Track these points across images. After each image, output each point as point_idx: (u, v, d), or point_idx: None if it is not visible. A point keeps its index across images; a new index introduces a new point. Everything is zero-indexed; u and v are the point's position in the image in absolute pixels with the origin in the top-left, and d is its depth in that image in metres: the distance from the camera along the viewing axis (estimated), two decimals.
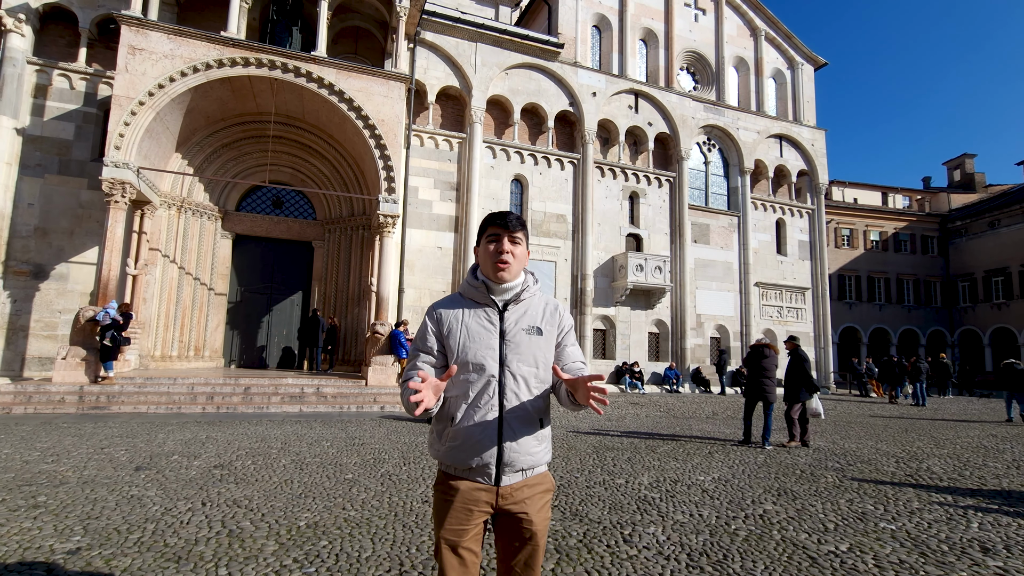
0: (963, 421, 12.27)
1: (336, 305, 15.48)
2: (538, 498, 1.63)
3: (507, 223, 1.65)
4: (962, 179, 39.90)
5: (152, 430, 7.64)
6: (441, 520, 1.60)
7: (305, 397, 11.02)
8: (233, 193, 15.14)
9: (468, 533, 1.58)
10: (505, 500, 1.59)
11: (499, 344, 1.62)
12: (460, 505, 1.58)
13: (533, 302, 1.72)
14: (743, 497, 4.87)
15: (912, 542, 3.74)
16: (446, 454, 1.62)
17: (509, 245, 1.64)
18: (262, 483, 4.90)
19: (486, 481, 1.58)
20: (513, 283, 1.68)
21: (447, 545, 1.57)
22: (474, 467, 1.57)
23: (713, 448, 7.57)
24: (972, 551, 3.58)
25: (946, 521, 4.26)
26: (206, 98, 12.78)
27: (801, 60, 23.67)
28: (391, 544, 3.44)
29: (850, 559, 3.39)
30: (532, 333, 1.65)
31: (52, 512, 3.87)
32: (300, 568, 3.03)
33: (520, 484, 1.61)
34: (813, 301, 22.80)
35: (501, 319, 1.65)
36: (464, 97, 17.33)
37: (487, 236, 1.67)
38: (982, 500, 4.98)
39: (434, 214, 16.70)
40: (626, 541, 3.63)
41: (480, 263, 1.71)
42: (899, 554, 3.49)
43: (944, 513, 4.49)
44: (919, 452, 7.66)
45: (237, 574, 2.93)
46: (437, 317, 1.67)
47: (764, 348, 8.29)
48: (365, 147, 13.53)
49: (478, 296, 1.68)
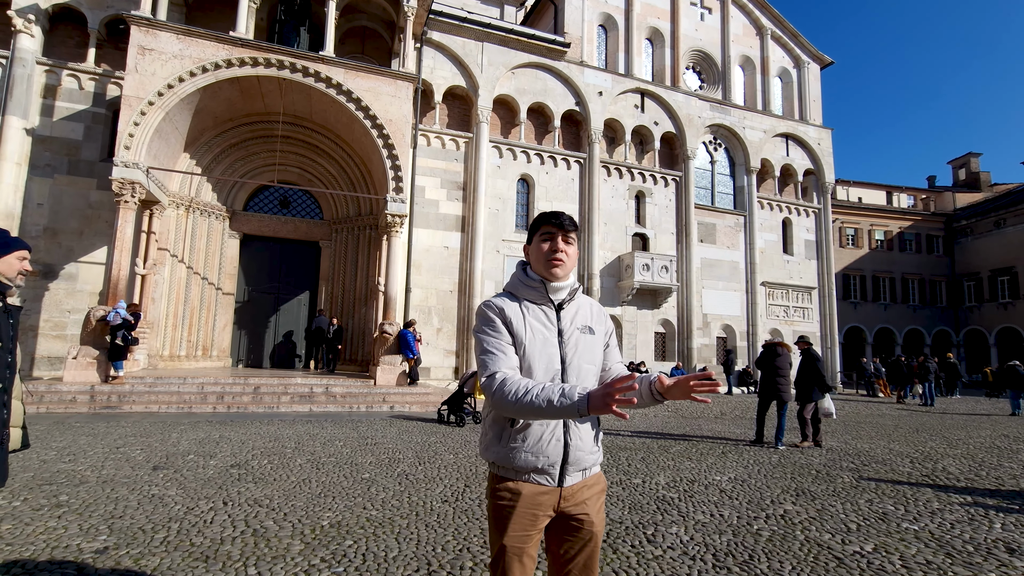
0: (973, 419, 12.23)
1: (343, 305, 15.50)
2: (596, 498, 1.62)
3: (562, 223, 1.64)
4: (967, 178, 39.74)
5: (165, 429, 7.65)
6: (503, 527, 1.54)
7: (315, 397, 11.03)
8: (241, 193, 15.16)
9: (532, 539, 1.54)
10: (566, 502, 1.57)
11: (558, 343, 1.61)
12: (524, 510, 1.53)
13: (581, 302, 1.72)
14: (762, 497, 4.85)
15: (937, 543, 3.72)
16: (508, 456, 1.55)
17: (563, 244, 1.64)
18: (281, 482, 4.90)
19: (550, 483, 1.54)
20: (567, 282, 1.67)
21: (513, 554, 1.52)
22: (540, 468, 1.53)
23: (726, 448, 7.56)
24: (998, 552, 3.57)
25: (968, 522, 4.24)
26: (215, 98, 12.80)
27: (807, 59, 23.61)
28: (416, 544, 3.44)
29: (876, 560, 3.37)
30: (586, 332, 1.65)
31: (75, 511, 3.88)
32: (328, 568, 3.03)
33: (580, 485, 1.59)
34: (819, 301, 22.74)
35: (559, 318, 1.65)
36: (470, 97, 17.32)
37: (540, 234, 1.67)
38: (1002, 501, 4.96)
39: (441, 214, 16.70)
40: (650, 541, 3.62)
41: (532, 261, 1.70)
42: (925, 555, 3.48)
43: (965, 514, 4.47)
44: (933, 452, 7.63)
45: (267, 573, 2.93)
46: (499, 309, 1.60)
47: (777, 347, 8.27)
48: (373, 147, 13.54)
49: (536, 296, 1.65)
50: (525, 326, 1.59)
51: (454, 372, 16.24)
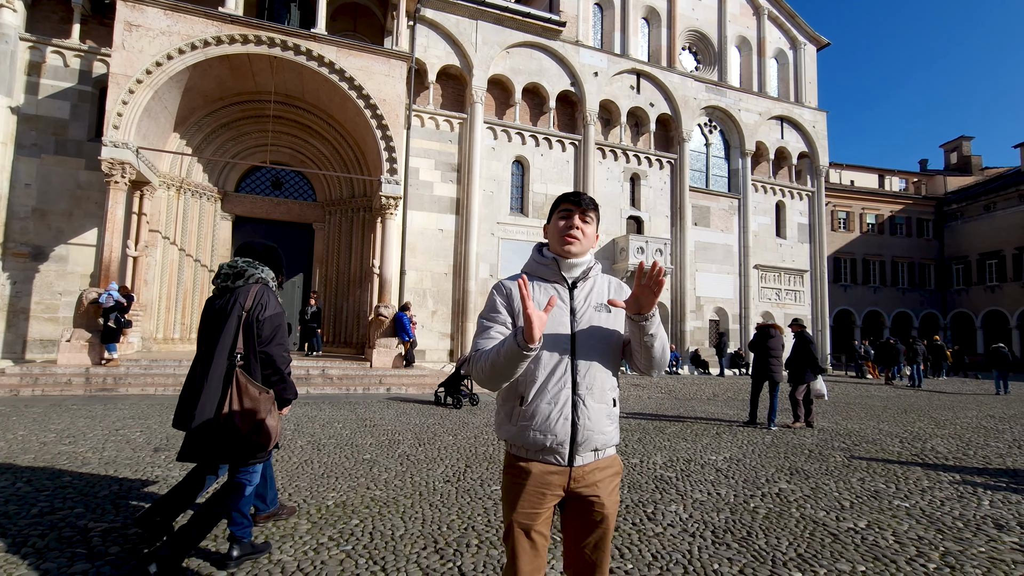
0: (959, 400, 12.49)
1: (338, 287, 15.44)
2: (608, 480, 1.63)
3: (580, 201, 1.66)
4: (959, 162, 39.92)
5: (163, 412, 7.65)
6: (513, 503, 1.58)
7: (311, 379, 11.05)
8: (232, 174, 14.96)
9: (541, 516, 1.57)
10: (577, 482, 1.58)
11: (570, 321, 1.62)
12: (533, 488, 1.56)
13: (599, 280, 1.73)
14: (757, 476, 4.96)
15: (927, 519, 3.83)
16: (518, 434, 1.58)
17: (579, 222, 1.65)
18: (283, 463, 4.94)
19: (559, 461, 1.56)
20: (581, 260, 1.68)
21: (520, 529, 1.56)
22: (548, 446, 1.55)
23: (720, 429, 7.68)
24: (987, 528, 3.68)
25: (957, 499, 4.37)
26: (204, 76, 12.54)
27: (804, 40, 23.45)
28: (421, 523, 3.49)
29: (870, 536, 3.47)
30: (601, 310, 1.66)
31: (80, 492, 3.89)
32: (337, 546, 3.08)
33: (592, 466, 1.60)
34: (811, 284, 22.96)
35: (571, 296, 1.65)
36: (465, 76, 17.09)
37: (559, 212, 1.69)
38: (989, 479, 5.10)
39: (435, 196, 16.58)
40: (650, 519, 3.70)
41: (549, 239, 1.73)
42: (916, 531, 3.59)
43: (954, 491, 4.60)
44: (921, 432, 7.81)
45: (276, 551, 2.97)
46: (507, 292, 1.64)
47: (770, 329, 8.37)
48: (366, 127, 13.37)
49: (548, 273, 1.67)
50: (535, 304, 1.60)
51: (449, 354, 16.30)
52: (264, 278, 2.90)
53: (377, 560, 2.90)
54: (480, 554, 3.01)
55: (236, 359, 2.71)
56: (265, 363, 2.78)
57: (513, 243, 17.47)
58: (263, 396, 2.73)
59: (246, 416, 2.66)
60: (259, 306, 2.77)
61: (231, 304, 2.78)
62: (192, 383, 2.76)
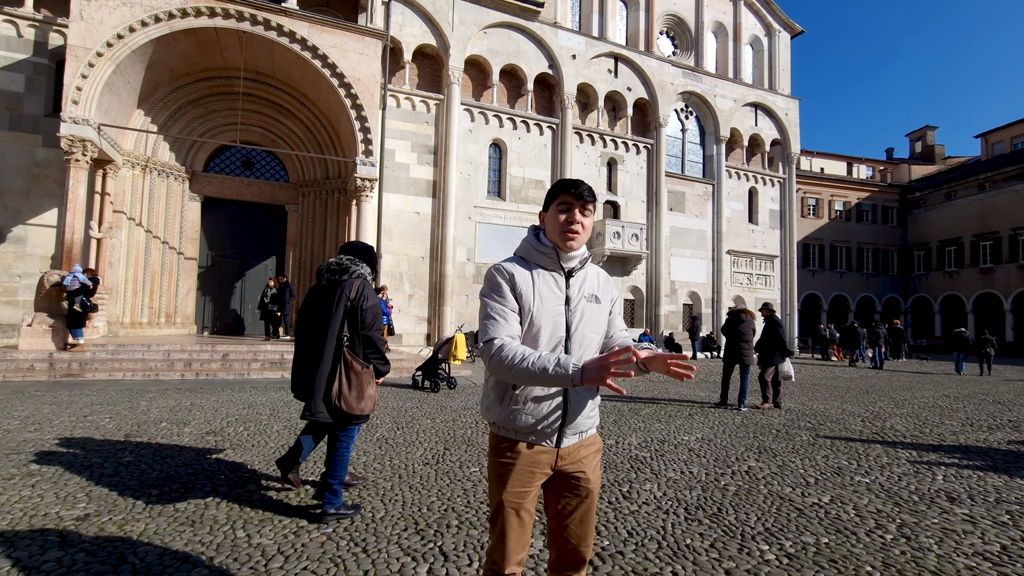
0: (917, 380, 13.07)
1: (312, 271, 15.19)
2: (592, 457, 1.69)
3: (580, 193, 1.64)
4: (923, 151, 41.16)
5: (133, 397, 7.48)
6: (503, 483, 1.61)
7: (286, 363, 10.90)
8: (200, 153, 14.49)
9: (529, 495, 1.62)
10: (563, 461, 1.63)
11: (565, 310, 1.64)
12: (523, 468, 1.60)
13: (589, 271, 1.75)
14: (727, 455, 5.13)
15: (886, 493, 4.04)
16: (509, 417, 1.61)
17: (580, 216, 1.65)
18: (259, 448, 4.90)
19: (548, 443, 1.61)
20: (579, 252, 1.71)
21: (510, 508, 1.60)
22: (539, 429, 1.59)
23: (692, 410, 7.90)
24: (940, 501, 3.90)
25: (914, 474, 4.60)
26: (169, 51, 12.05)
27: (779, 27, 23.68)
28: (402, 505, 3.53)
29: (833, 509, 3.65)
30: (592, 301, 1.69)
31: (50, 480, 3.81)
32: (317, 529, 3.09)
33: (577, 445, 1.66)
34: (781, 269, 23.53)
35: (567, 285, 1.68)
36: (441, 56, 16.80)
37: (558, 204, 1.67)
38: (943, 455, 5.38)
39: (411, 178, 16.37)
40: (626, 497, 3.81)
41: (547, 229, 1.71)
42: (876, 504, 3.78)
43: (911, 467, 4.84)
44: (881, 412, 8.16)
45: (256, 535, 2.97)
46: (510, 275, 1.62)
47: (742, 314, 8.58)
48: (340, 107, 13.07)
49: (547, 261, 1.68)
50: (534, 292, 1.61)
51: (426, 339, 16.27)
52: (363, 274, 3.44)
53: (358, 542, 2.93)
54: (460, 534, 3.07)
55: (344, 340, 3.29)
56: (367, 344, 3.37)
57: (490, 227, 17.41)
58: (364, 371, 3.33)
59: (352, 386, 3.26)
60: (362, 297, 3.32)
61: (339, 295, 3.31)
62: (305, 359, 3.38)
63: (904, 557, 2.90)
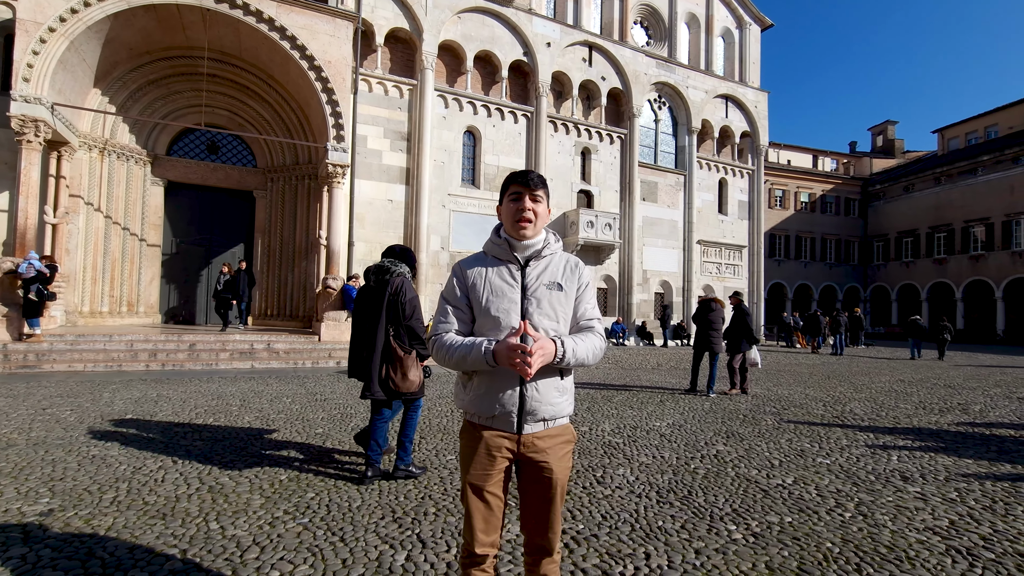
0: (875, 366, 13.64)
1: (282, 258, 14.89)
2: (559, 447, 1.70)
3: (528, 181, 1.68)
4: (884, 145, 42.55)
5: (95, 389, 7.24)
6: (467, 466, 1.68)
7: (256, 353, 10.70)
8: (163, 136, 13.95)
9: (492, 478, 1.66)
10: (527, 448, 1.66)
11: (520, 299, 1.67)
12: (484, 452, 1.65)
13: (554, 259, 1.76)
14: (697, 440, 5.29)
15: (845, 474, 4.23)
16: (471, 403, 1.69)
17: (530, 203, 1.69)
18: (231, 440, 4.82)
19: (508, 429, 1.65)
20: (534, 240, 1.72)
21: (472, 489, 1.66)
22: (497, 415, 1.64)
23: (663, 397, 8.08)
24: (895, 480, 4.11)
25: (871, 456, 4.83)
26: (128, 27, 11.52)
27: (749, 20, 24.03)
28: (378, 494, 3.53)
29: (796, 490, 3.81)
30: (553, 288, 1.70)
31: (8, 475, 3.67)
32: (293, 519, 3.07)
33: (542, 433, 1.67)
34: (749, 259, 24.12)
35: (523, 275, 1.70)
36: (415, 40, 16.51)
37: (509, 195, 1.72)
38: (898, 437, 5.66)
39: (384, 165, 16.13)
40: (600, 482, 3.90)
41: (503, 221, 1.76)
42: (836, 484, 3.96)
43: (868, 449, 5.08)
44: (841, 396, 8.51)
45: (230, 527, 2.94)
46: (462, 272, 1.73)
47: (712, 303, 8.78)
48: (311, 91, 12.75)
49: (501, 253, 1.73)
50: (485, 283, 1.69)
51: None
52: (403, 272, 3.96)
53: (335, 531, 2.93)
54: (438, 521, 3.10)
55: (389, 331, 3.82)
56: (409, 332, 3.85)
57: (465, 216, 17.33)
58: (407, 356, 3.81)
59: (398, 369, 3.78)
60: (402, 292, 3.85)
61: (385, 292, 3.84)
62: (361, 348, 3.95)
63: (861, 534, 3.06)
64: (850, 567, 2.64)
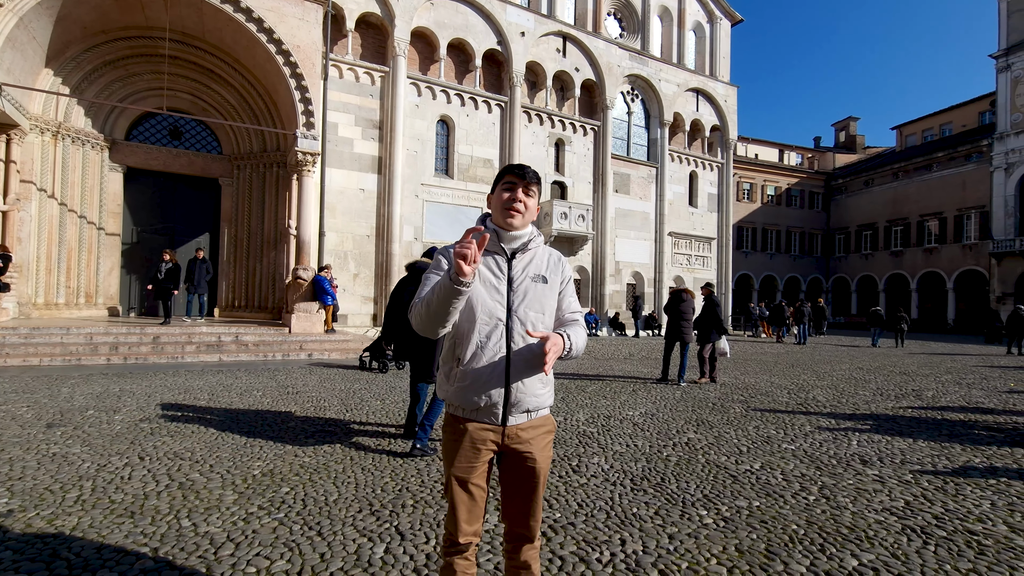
0: (836, 354, 14.17)
1: (250, 249, 14.49)
2: (541, 438, 1.73)
3: (524, 174, 1.69)
4: (846, 140, 43.90)
5: (52, 384, 6.96)
6: (451, 459, 1.68)
7: (224, 346, 10.44)
8: (121, 120, 13.37)
9: (476, 470, 1.67)
10: (511, 439, 1.68)
11: (507, 290, 1.68)
12: (468, 444, 1.65)
13: (539, 252, 1.78)
14: (669, 428, 5.41)
15: (809, 459, 4.40)
16: (455, 394, 1.67)
17: (523, 195, 1.69)
18: (199, 435, 4.71)
19: (493, 421, 1.65)
20: (522, 232, 1.73)
21: (457, 482, 1.66)
22: (482, 407, 1.64)
23: (636, 386, 8.23)
24: (855, 464, 4.30)
25: (832, 441, 5.03)
26: (81, 4, 10.97)
27: (720, 15, 24.35)
28: (355, 487, 3.51)
29: (763, 475, 3.95)
30: (538, 281, 1.72)
31: None
32: (268, 515, 3.03)
33: (526, 424, 1.69)
34: (718, 250, 24.65)
35: (509, 266, 1.71)
36: (386, 27, 16.19)
37: (503, 184, 1.71)
38: (858, 422, 5.91)
39: (355, 153, 15.84)
40: (575, 471, 3.96)
41: (492, 210, 1.76)
42: (800, 469, 4.12)
43: (830, 435, 5.29)
44: (805, 384, 8.82)
45: (202, 524, 2.88)
46: (450, 256, 1.66)
47: (683, 294, 8.95)
48: (279, 76, 12.39)
49: (488, 244, 1.71)
50: None
51: (372, 319, 15.99)
52: None
53: (312, 526, 2.90)
54: (416, 513, 3.10)
55: None
56: None
57: (438, 206, 17.18)
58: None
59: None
60: None
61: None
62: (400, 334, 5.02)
63: (825, 516, 3.19)
64: (815, 548, 2.76)
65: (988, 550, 2.77)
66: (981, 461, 4.45)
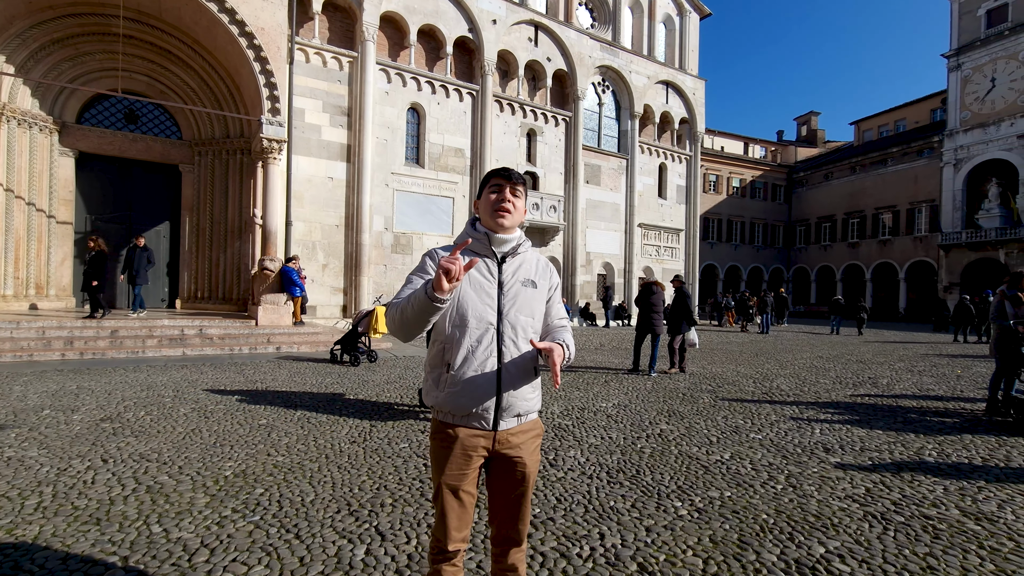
0: (797, 343, 14.69)
1: (213, 238, 14.02)
2: (530, 442, 1.74)
3: (510, 175, 1.70)
4: (807, 134, 45.17)
5: (2, 383, 6.62)
6: (441, 466, 1.66)
7: (187, 339, 10.11)
8: (72, 101, 12.67)
9: (467, 477, 1.66)
10: (501, 444, 1.68)
11: (497, 294, 1.67)
12: (460, 451, 1.64)
13: (528, 257, 1.78)
14: (642, 419, 5.52)
15: (775, 448, 4.57)
16: (445, 400, 1.64)
17: (510, 196, 1.69)
18: (166, 435, 4.57)
19: (484, 426, 1.64)
20: (512, 235, 1.73)
21: (448, 490, 1.65)
22: (473, 412, 1.63)
23: (608, 377, 8.36)
24: (818, 452, 4.48)
25: (797, 430, 5.23)
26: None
27: (689, 8, 24.59)
28: (332, 486, 3.47)
29: (733, 465, 4.08)
30: (528, 285, 1.72)
31: None
32: (243, 517, 2.97)
33: (516, 429, 1.70)
34: (686, 241, 25.11)
35: (500, 270, 1.70)
36: (354, 10, 15.76)
37: (489, 187, 1.72)
38: (820, 411, 6.15)
39: (323, 140, 15.44)
40: (552, 465, 4.01)
41: (481, 213, 1.75)
42: (767, 458, 4.27)
43: (795, 424, 5.49)
44: (769, 373, 9.12)
45: (174, 529, 2.80)
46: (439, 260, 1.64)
47: (653, 286, 9.10)
48: (242, 59, 11.94)
49: (479, 247, 1.71)
50: None
51: (342, 310, 15.73)
52: None
53: (289, 528, 2.86)
54: (396, 512, 3.09)
55: None
56: None
57: (408, 195, 16.95)
58: None
59: None
60: None
61: None
62: None
63: (792, 504, 3.32)
64: (784, 536, 2.87)
65: (942, 534, 2.94)
66: (934, 447, 4.70)
